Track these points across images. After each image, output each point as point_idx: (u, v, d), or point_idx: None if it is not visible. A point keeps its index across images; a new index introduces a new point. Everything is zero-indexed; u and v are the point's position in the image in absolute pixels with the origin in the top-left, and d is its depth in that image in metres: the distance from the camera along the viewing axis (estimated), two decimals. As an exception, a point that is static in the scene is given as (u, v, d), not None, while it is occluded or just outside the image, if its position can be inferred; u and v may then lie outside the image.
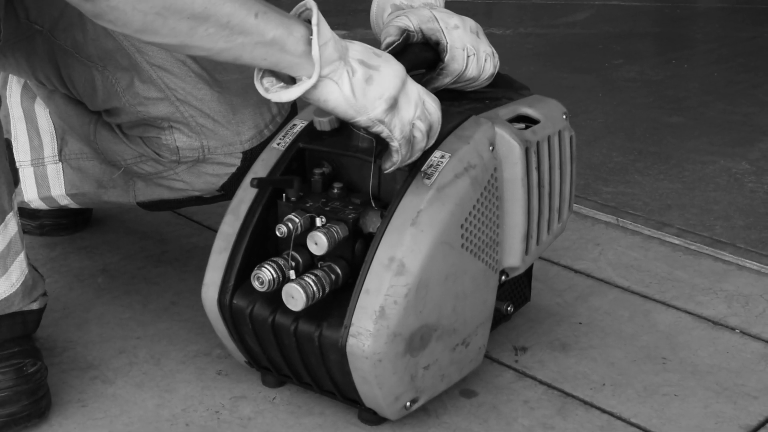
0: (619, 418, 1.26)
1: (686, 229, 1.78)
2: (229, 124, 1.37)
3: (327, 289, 1.15)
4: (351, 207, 1.18)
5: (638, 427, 1.25)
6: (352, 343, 1.12)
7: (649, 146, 2.20)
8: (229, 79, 1.37)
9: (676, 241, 1.73)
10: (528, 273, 1.43)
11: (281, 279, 1.15)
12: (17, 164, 1.54)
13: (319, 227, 1.16)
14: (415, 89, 1.13)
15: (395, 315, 1.11)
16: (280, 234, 1.16)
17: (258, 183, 1.18)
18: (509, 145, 1.22)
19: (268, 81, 1.08)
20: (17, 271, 1.20)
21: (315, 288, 1.13)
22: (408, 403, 1.18)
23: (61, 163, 1.53)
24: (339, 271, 1.16)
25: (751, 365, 1.38)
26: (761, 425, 1.25)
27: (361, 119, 1.09)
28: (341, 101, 1.07)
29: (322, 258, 1.17)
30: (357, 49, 1.09)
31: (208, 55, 1.05)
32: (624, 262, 1.65)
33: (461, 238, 1.16)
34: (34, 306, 1.23)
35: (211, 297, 1.22)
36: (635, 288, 1.57)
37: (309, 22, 1.05)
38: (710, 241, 1.73)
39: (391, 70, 1.10)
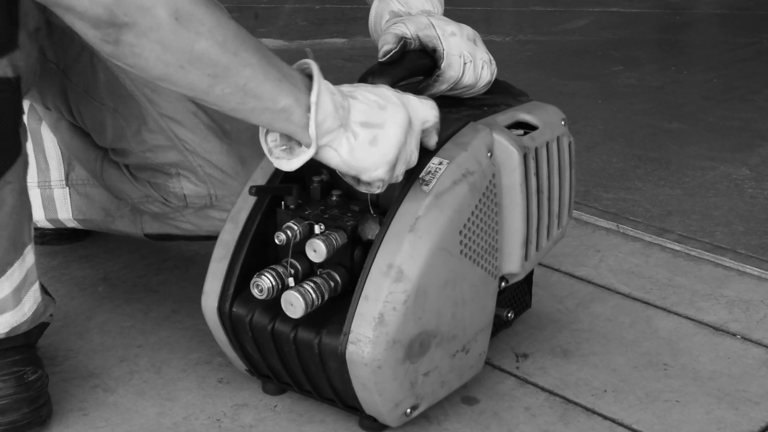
0: (620, 424, 1.26)
1: (687, 235, 1.78)
2: (237, 175, 1.37)
3: (326, 297, 1.15)
4: (350, 214, 1.19)
5: (640, 433, 1.25)
6: (351, 350, 1.12)
7: (649, 152, 2.20)
8: (239, 128, 1.38)
9: (677, 247, 1.73)
10: (528, 279, 1.43)
11: (280, 286, 1.16)
12: None
13: (317, 234, 1.16)
14: (412, 143, 1.12)
15: (394, 321, 1.11)
16: (279, 242, 1.17)
17: (257, 191, 1.18)
18: (507, 151, 1.22)
19: (272, 140, 1.09)
20: (30, 300, 1.21)
21: (314, 295, 1.14)
22: (408, 410, 1.18)
23: (68, 188, 1.53)
24: (338, 278, 1.17)
25: (753, 371, 1.37)
26: (763, 431, 1.25)
27: (363, 178, 1.11)
28: (341, 164, 1.09)
29: (320, 265, 1.17)
30: (360, 110, 1.09)
31: (217, 109, 1.06)
32: (625, 269, 1.65)
33: (460, 244, 1.17)
34: (39, 320, 1.24)
35: (211, 305, 1.22)
36: (636, 294, 1.57)
37: (311, 78, 1.06)
38: (711, 247, 1.73)
39: (397, 126, 1.10)
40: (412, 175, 1.17)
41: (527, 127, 1.30)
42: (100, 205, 1.52)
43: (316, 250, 1.14)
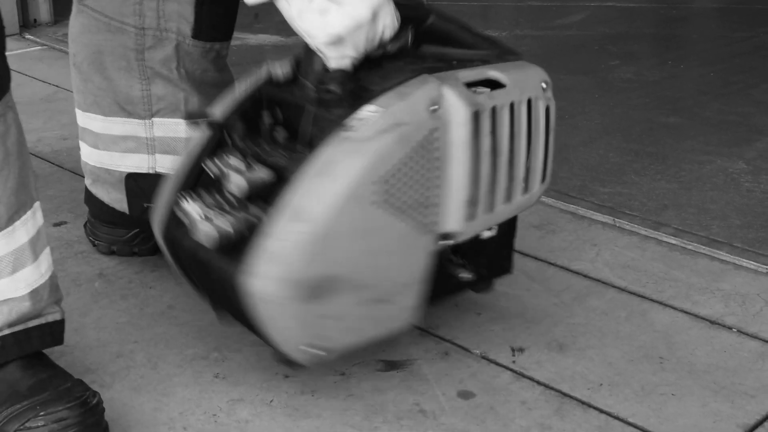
0: (616, 418, 1.26)
1: (683, 229, 1.78)
2: None
3: (245, 231, 1.17)
4: (284, 153, 1.20)
5: (636, 426, 1.25)
6: (252, 283, 1.13)
7: (646, 147, 2.20)
8: None
9: (673, 241, 1.73)
10: (508, 243, 1.38)
11: (205, 216, 1.19)
12: None
13: (242, 171, 1.18)
14: (365, 36, 1.19)
15: (293, 260, 1.12)
16: (212, 174, 1.20)
17: (189, 116, 1.28)
18: (455, 106, 1.19)
19: None
20: (45, 262, 1.21)
21: (229, 228, 1.16)
22: (310, 348, 1.19)
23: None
24: (262, 214, 1.17)
25: (749, 364, 1.38)
26: (759, 424, 1.25)
27: (302, 39, 1.19)
28: (289, 20, 1.18)
29: (250, 200, 1.19)
30: None
31: None
32: (621, 263, 1.65)
33: (383, 193, 1.15)
34: (58, 316, 1.23)
35: (158, 232, 1.28)
36: (632, 288, 1.57)
37: None
38: (707, 241, 1.73)
39: (353, 11, 1.17)
40: (341, 119, 1.16)
41: (497, 86, 1.26)
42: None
43: (238, 186, 1.17)
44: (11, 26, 3.03)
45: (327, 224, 1.12)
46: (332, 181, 1.12)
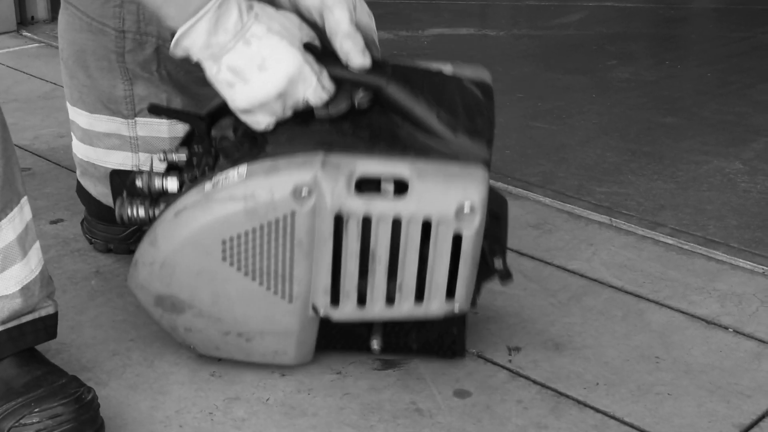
0: (612, 417, 1.26)
1: (679, 229, 1.78)
2: None
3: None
4: (205, 168, 1.26)
5: (632, 426, 1.25)
6: (128, 281, 1.30)
7: (643, 146, 2.20)
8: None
9: (670, 241, 1.73)
10: (459, 325, 1.32)
11: (128, 197, 1.29)
12: None
13: (157, 173, 1.28)
14: (278, 107, 1.18)
15: (142, 273, 1.26)
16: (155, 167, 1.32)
17: (152, 108, 1.34)
18: (322, 200, 1.16)
19: None
20: (35, 258, 1.21)
21: (137, 215, 1.28)
22: (189, 346, 1.32)
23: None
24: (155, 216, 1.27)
25: (745, 364, 1.38)
26: (754, 424, 1.26)
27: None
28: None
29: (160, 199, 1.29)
30: (239, 56, 1.14)
31: None
32: (617, 262, 1.65)
33: (229, 253, 1.20)
34: (51, 309, 1.23)
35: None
36: (629, 288, 1.58)
37: None
38: (703, 241, 1.73)
39: (257, 90, 1.16)
40: (215, 170, 1.22)
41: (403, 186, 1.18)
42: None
43: (143, 185, 1.28)
44: (9, 23, 3.03)
45: (172, 257, 1.22)
46: (179, 225, 1.21)
